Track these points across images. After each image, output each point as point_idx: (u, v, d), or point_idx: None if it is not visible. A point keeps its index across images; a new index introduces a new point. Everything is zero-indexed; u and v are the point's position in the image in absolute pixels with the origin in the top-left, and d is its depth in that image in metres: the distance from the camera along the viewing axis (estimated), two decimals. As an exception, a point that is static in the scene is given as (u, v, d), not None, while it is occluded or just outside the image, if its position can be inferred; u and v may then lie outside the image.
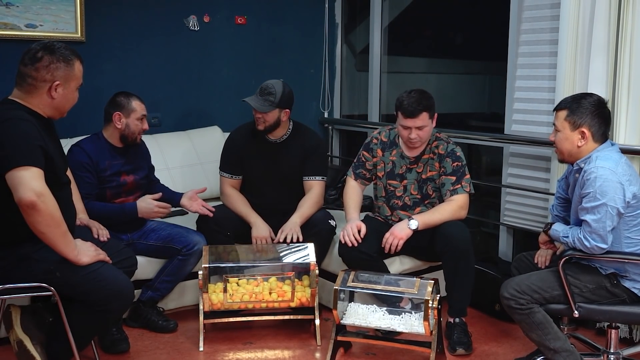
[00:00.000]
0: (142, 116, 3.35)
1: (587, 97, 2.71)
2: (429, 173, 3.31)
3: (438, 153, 3.30)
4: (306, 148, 3.60)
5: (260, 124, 3.50)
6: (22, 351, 2.54)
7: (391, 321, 2.90)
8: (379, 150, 3.41)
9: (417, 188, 3.34)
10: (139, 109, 3.33)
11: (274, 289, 3.19)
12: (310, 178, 3.60)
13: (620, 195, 2.55)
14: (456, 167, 3.25)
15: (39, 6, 3.86)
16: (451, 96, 5.56)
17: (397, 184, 3.38)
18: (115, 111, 3.29)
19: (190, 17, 4.45)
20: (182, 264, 3.33)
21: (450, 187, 3.24)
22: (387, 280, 2.95)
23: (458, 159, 3.27)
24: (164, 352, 3.14)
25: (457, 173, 3.25)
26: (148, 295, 3.36)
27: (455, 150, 3.29)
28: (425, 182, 3.33)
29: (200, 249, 3.28)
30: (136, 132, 3.34)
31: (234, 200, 3.57)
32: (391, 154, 3.39)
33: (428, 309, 2.76)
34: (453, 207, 3.21)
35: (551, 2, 3.48)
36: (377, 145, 3.42)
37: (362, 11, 5.10)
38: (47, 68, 2.49)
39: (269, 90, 3.45)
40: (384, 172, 3.40)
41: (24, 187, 2.33)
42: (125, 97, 3.34)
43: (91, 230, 3.02)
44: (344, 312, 2.96)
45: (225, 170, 3.65)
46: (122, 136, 3.33)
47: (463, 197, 3.24)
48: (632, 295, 2.66)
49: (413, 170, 3.34)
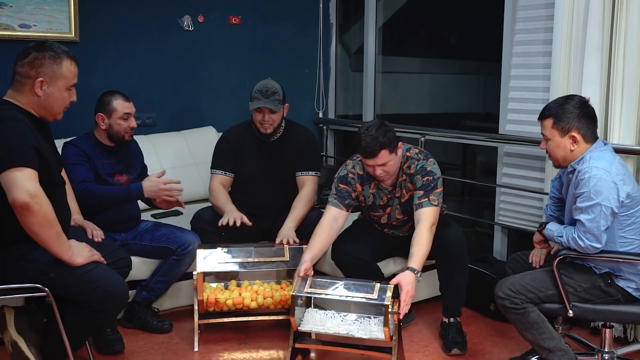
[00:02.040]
0: (125, 115, 3.28)
1: (569, 101, 2.69)
2: (406, 195, 3.19)
3: (409, 173, 3.15)
4: (299, 145, 3.60)
5: (268, 128, 3.48)
6: (17, 352, 2.53)
7: (350, 327, 2.79)
8: (357, 185, 3.24)
9: (402, 212, 3.25)
10: (119, 109, 3.26)
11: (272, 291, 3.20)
12: (303, 173, 3.59)
13: (614, 195, 2.55)
14: (426, 181, 3.08)
15: (33, 6, 3.85)
16: (446, 96, 5.57)
17: (380, 213, 3.30)
18: (98, 112, 3.28)
19: (185, 17, 4.44)
20: (176, 264, 3.32)
21: (417, 201, 3.06)
22: (345, 285, 2.82)
23: (428, 174, 3.09)
24: (159, 353, 3.14)
25: (426, 187, 3.06)
26: (143, 296, 3.35)
27: (425, 166, 3.12)
28: (406, 204, 3.21)
29: (194, 248, 3.27)
30: (121, 132, 3.30)
31: (218, 194, 3.52)
32: (370, 187, 3.24)
33: (388, 314, 2.66)
34: (426, 230, 2.96)
35: (545, 2, 3.49)
36: (355, 180, 3.24)
37: (356, 11, 5.10)
38: (32, 64, 2.48)
39: (272, 90, 3.43)
40: (366, 204, 3.29)
41: (18, 188, 2.32)
42: (108, 96, 3.30)
43: (85, 230, 3.02)
44: (301, 318, 2.86)
45: (217, 167, 3.61)
46: (109, 135, 3.31)
47: (429, 211, 3.00)
48: (626, 295, 2.67)
49: (393, 197, 3.24)
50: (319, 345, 3.01)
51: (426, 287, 3.65)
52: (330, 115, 5.16)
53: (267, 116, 3.45)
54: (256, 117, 3.49)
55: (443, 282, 3.23)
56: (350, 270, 3.21)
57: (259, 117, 3.48)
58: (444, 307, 3.25)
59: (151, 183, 3.18)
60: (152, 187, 3.17)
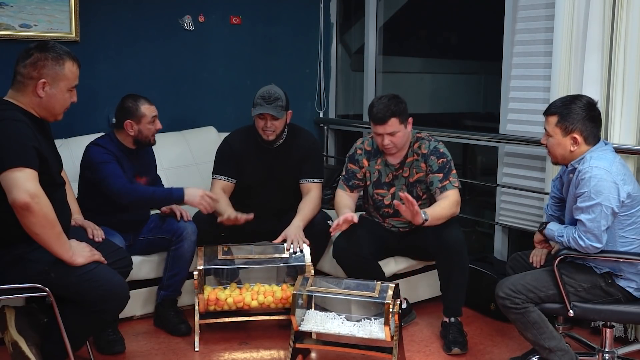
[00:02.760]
0: (153, 118, 3.31)
1: (577, 102, 2.69)
2: (416, 175, 3.27)
3: (422, 153, 3.25)
4: (302, 150, 3.56)
5: (270, 135, 3.44)
6: (17, 352, 2.53)
7: (350, 328, 2.81)
8: (364, 160, 3.35)
9: (407, 192, 3.27)
10: (148, 113, 3.28)
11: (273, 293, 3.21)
12: (308, 180, 3.55)
13: (615, 194, 2.55)
14: (442, 163, 3.20)
15: (34, 6, 3.85)
16: (446, 96, 5.58)
17: (384, 192, 3.34)
18: (127, 119, 3.26)
19: (185, 17, 4.44)
20: (177, 253, 3.32)
21: (439, 185, 3.18)
22: (346, 285, 2.85)
23: (442, 155, 3.22)
24: (160, 353, 3.14)
25: (443, 169, 3.20)
26: (162, 296, 3.38)
27: (438, 147, 3.24)
28: (414, 184, 3.29)
29: (189, 232, 3.30)
30: (149, 135, 3.32)
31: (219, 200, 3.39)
32: (376, 162, 3.33)
33: (389, 313, 2.67)
34: (448, 203, 3.15)
35: (546, 2, 3.49)
36: (362, 156, 3.36)
37: (357, 11, 5.10)
38: (34, 65, 2.48)
39: (274, 97, 3.39)
40: (371, 181, 3.36)
41: (18, 189, 2.32)
42: (133, 101, 3.28)
43: (86, 230, 3.01)
44: (302, 318, 2.87)
45: (220, 173, 3.55)
46: (135, 141, 3.31)
47: (454, 192, 3.18)
48: (626, 295, 2.67)
49: (399, 176, 3.30)
50: (320, 345, 3.01)
51: (427, 287, 3.66)
52: (330, 115, 5.16)
53: (269, 123, 3.41)
54: (258, 124, 3.45)
55: (443, 282, 3.23)
56: (351, 267, 3.22)
57: (261, 124, 3.43)
58: (445, 307, 3.25)
59: (194, 190, 3.19)
60: (193, 194, 3.17)
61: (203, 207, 3.18)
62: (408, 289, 3.55)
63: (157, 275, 3.44)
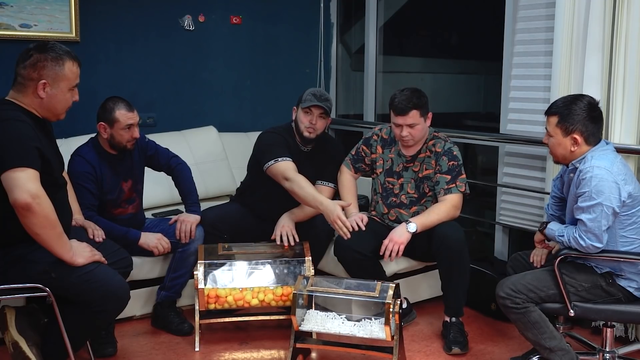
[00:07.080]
0: (128, 126, 3.18)
1: (578, 102, 2.68)
2: (425, 171, 3.31)
3: (435, 151, 3.29)
4: (328, 155, 3.53)
5: (312, 132, 3.37)
6: (18, 352, 2.53)
7: (351, 328, 2.81)
8: (378, 147, 3.42)
9: (415, 187, 3.33)
10: (122, 120, 3.16)
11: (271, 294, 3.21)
12: (324, 183, 3.51)
13: (616, 194, 2.55)
14: (452, 166, 3.24)
15: (34, 6, 3.85)
16: (447, 96, 5.57)
17: (394, 181, 3.38)
18: (100, 121, 3.20)
19: (185, 16, 4.44)
20: (184, 255, 3.33)
21: (445, 186, 3.23)
22: (347, 284, 2.84)
23: (454, 158, 3.26)
24: (160, 353, 3.14)
25: (452, 172, 3.24)
26: (162, 296, 3.37)
27: (452, 149, 3.29)
28: (422, 180, 3.32)
29: (198, 235, 3.33)
30: (123, 142, 3.21)
31: (304, 183, 3.18)
32: (390, 151, 3.39)
33: (389, 313, 2.67)
34: (447, 206, 3.20)
35: (546, 1, 3.49)
36: (377, 142, 3.44)
37: (357, 11, 5.10)
38: (35, 66, 2.47)
39: (325, 97, 3.37)
40: (383, 169, 3.41)
41: (19, 189, 2.32)
42: (111, 104, 3.19)
43: (87, 230, 3.01)
44: (302, 318, 2.86)
45: (282, 155, 3.28)
46: (110, 144, 3.25)
47: (457, 196, 3.23)
48: (627, 294, 2.67)
49: (409, 169, 3.35)
50: (320, 345, 3.01)
51: (427, 287, 3.66)
52: (331, 114, 5.14)
53: (315, 119, 3.35)
54: (304, 118, 3.37)
55: (444, 282, 3.24)
56: (352, 265, 3.22)
57: (307, 119, 3.36)
58: (446, 307, 3.26)
59: (151, 234, 3.26)
60: (149, 238, 3.25)
61: (157, 250, 3.25)
62: (408, 288, 3.55)
63: (157, 275, 3.44)
